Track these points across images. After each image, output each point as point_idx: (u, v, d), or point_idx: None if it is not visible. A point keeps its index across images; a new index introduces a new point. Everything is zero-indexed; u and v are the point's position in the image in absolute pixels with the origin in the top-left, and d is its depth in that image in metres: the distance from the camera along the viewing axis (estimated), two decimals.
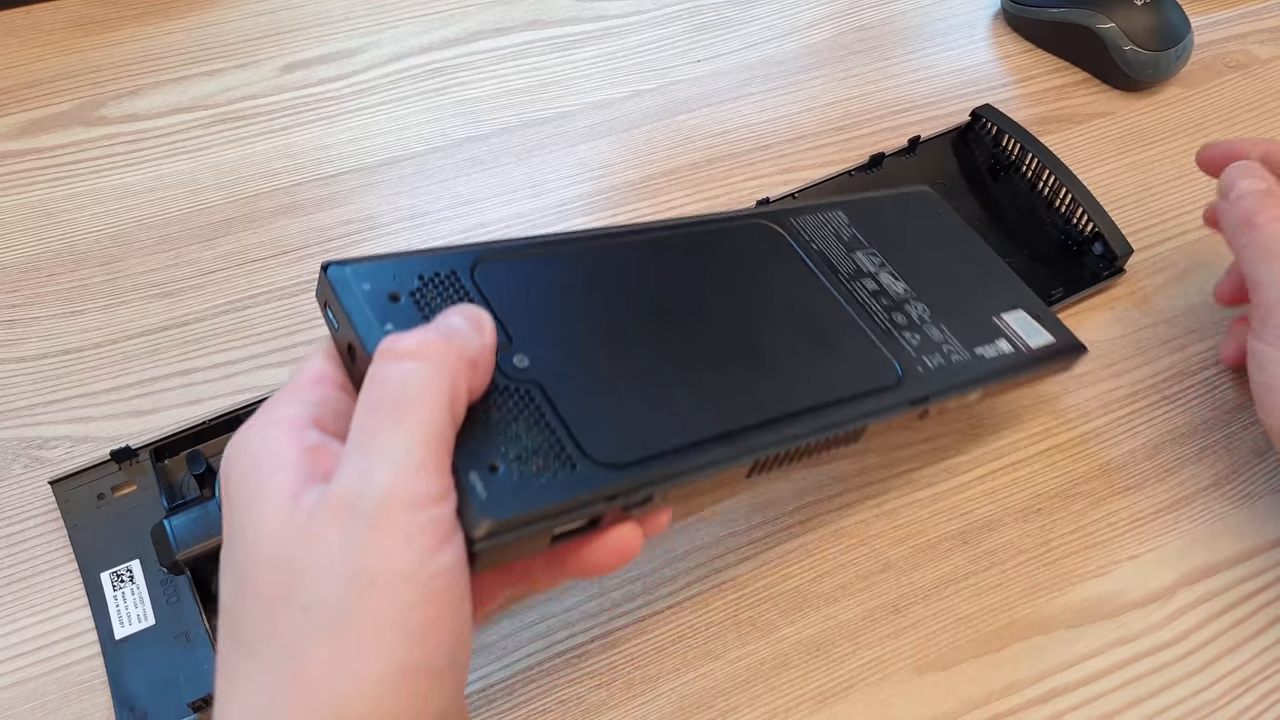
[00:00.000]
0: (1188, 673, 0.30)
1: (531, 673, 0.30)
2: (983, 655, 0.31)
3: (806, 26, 0.49)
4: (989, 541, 0.33)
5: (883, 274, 0.32)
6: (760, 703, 0.29)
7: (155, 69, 0.45)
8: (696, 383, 0.26)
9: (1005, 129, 0.41)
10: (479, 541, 0.21)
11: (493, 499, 0.21)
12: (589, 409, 0.24)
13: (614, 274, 0.28)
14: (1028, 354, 0.32)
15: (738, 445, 0.26)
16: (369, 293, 0.24)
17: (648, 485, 0.24)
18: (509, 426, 0.23)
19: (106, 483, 0.32)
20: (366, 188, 0.42)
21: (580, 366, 0.25)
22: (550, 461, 0.23)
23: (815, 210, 0.34)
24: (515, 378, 0.24)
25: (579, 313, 0.26)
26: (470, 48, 0.47)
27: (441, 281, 0.25)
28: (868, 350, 0.30)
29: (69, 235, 0.39)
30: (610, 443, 0.24)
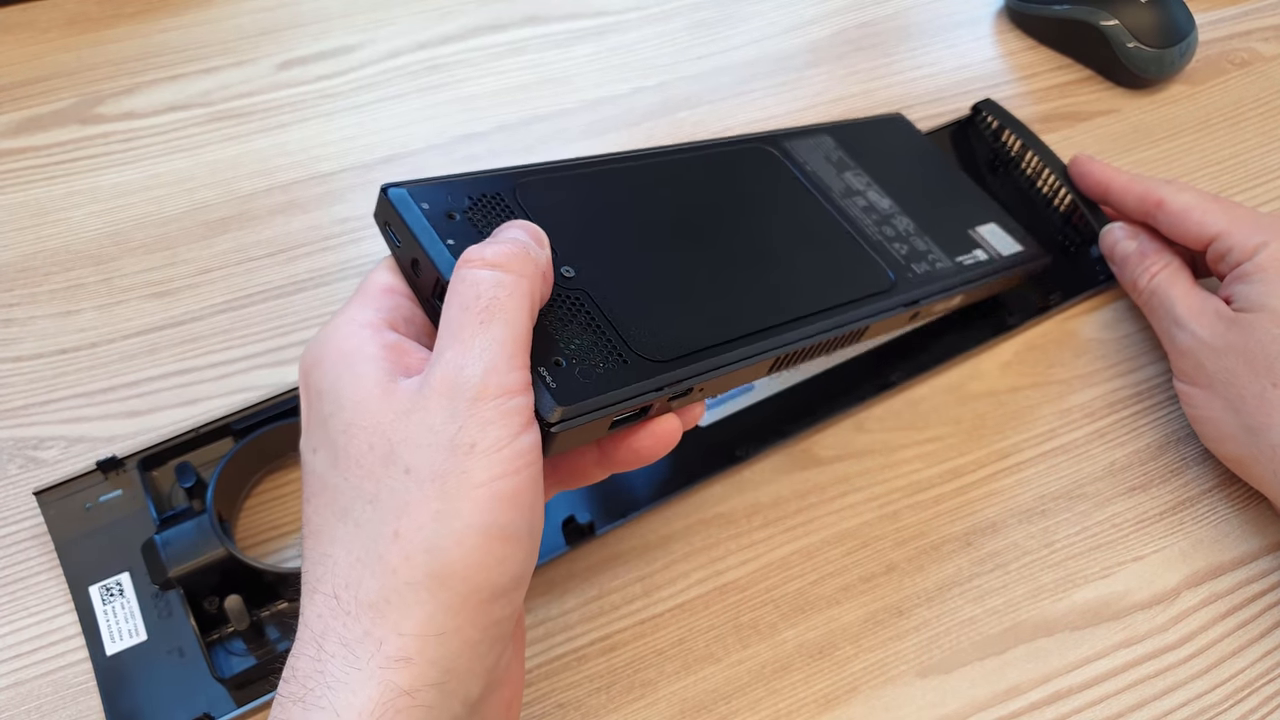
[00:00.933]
0: (1192, 675, 0.30)
1: (531, 675, 0.29)
2: (986, 658, 0.30)
3: (809, 22, 0.49)
4: (992, 543, 0.33)
5: (870, 192, 0.36)
6: (762, 706, 0.29)
7: (151, 67, 0.45)
8: (723, 288, 0.29)
9: (1006, 124, 0.41)
10: (554, 425, 0.24)
11: (561, 390, 0.24)
12: (632, 312, 0.27)
13: (638, 192, 0.31)
14: (1001, 261, 0.37)
15: (762, 343, 0.29)
16: (428, 211, 0.26)
17: (689, 378, 0.27)
18: (566, 328, 0.25)
19: (94, 493, 0.31)
20: (364, 185, 0.41)
21: (619, 275, 0.28)
22: (606, 358, 0.25)
23: (804, 134, 0.37)
24: (565, 286, 0.26)
25: (611, 227, 0.29)
26: (468, 44, 0.47)
27: (490, 201, 0.27)
28: (864, 259, 0.33)
29: (65, 234, 0.39)
30: (654, 341, 0.27)
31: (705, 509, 0.33)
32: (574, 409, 0.24)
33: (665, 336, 0.27)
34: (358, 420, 0.22)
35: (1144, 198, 0.36)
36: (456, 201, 0.27)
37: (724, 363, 0.27)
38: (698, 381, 0.27)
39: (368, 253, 0.39)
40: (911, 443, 0.35)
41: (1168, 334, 0.34)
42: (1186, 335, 0.33)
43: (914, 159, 0.40)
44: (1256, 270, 0.33)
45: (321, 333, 0.24)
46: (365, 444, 0.22)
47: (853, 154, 0.37)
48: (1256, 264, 0.33)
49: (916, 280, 0.33)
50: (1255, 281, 0.32)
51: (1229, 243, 0.34)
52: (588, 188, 0.30)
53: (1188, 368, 0.33)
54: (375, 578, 0.21)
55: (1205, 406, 0.33)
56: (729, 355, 0.28)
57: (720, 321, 0.28)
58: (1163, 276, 0.35)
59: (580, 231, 0.28)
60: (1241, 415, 0.31)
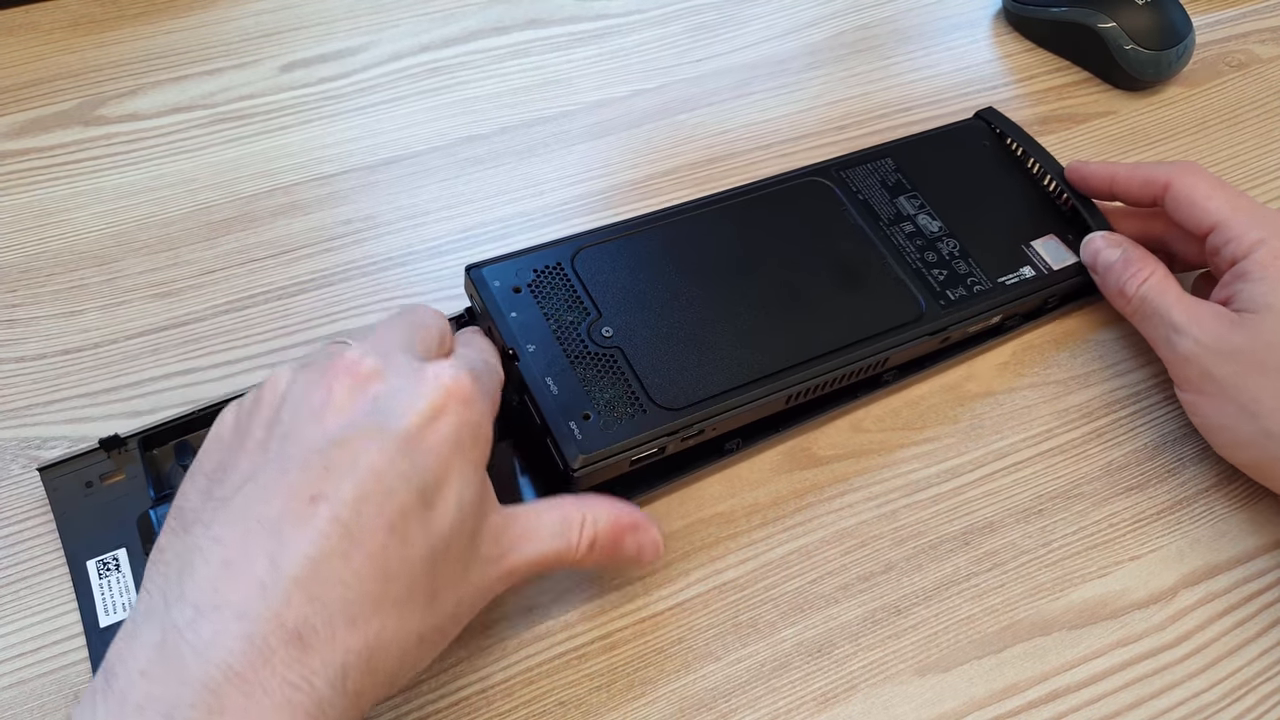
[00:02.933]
0: (1190, 674, 0.30)
1: (531, 674, 0.30)
2: (984, 656, 0.30)
3: (807, 25, 0.49)
4: (990, 542, 0.33)
5: (920, 215, 0.37)
6: (761, 704, 0.29)
7: (154, 68, 0.45)
8: (746, 333, 0.33)
9: (1008, 132, 0.41)
10: (577, 470, 0.30)
11: (585, 440, 0.30)
12: (657, 365, 0.32)
13: (682, 246, 0.35)
14: (1049, 276, 0.37)
15: (775, 384, 0.32)
16: (498, 289, 0.33)
17: (698, 422, 0.31)
18: (597, 383, 0.31)
19: (95, 470, 0.32)
20: (366, 187, 0.41)
21: (651, 331, 0.32)
22: (627, 408, 0.31)
23: (866, 159, 0.39)
24: (603, 344, 0.32)
25: (652, 285, 0.34)
26: (470, 47, 0.47)
27: (550, 272, 0.33)
28: (896, 289, 0.35)
29: (68, 235, 0.39)
30: (671, 390, 0.31)
31: (704, 508, 0.33)
32: (592, 456, 0.29)
33: (683, 385, 0.31)
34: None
35: (1151, 180, 0.35)
36: (522, 276, 0.33)
37: (732, 406, 0.31)
38: (708, 424, 0.31)
39: (370, 254, 0.39)
40: (910, 442, 0.35)
41: (1165, 341, 0.33)
42: (1188, 341, 0.32)
43: (982, 169, 0.40)
44: (1256, 268, 0.32)
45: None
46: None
47: (912, 173, 0.39)
48: (1256, 261, 0.32)
49: (949, 307, 0.35)
50: (1256, 280, 0.32)
51: (1227, 235, 0.33)
52: (635, 248, 0.34)
53: (1192, 375, 0.32)
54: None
55: (1217, 414, 0.32)
56: (738, 399, 0.31)
57: (738, 365, 0.32)
58: (1152, 282, 0.34)
59: (624, 292, 0.33)
60: (1260, 419, 0.30)
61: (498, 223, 0.41)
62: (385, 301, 0.38)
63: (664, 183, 0.42)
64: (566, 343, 0.32)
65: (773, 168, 0.43)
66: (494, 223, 0.41)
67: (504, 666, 0.30)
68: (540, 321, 0.32)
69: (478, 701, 0.29)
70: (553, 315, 0.32)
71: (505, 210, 0.41)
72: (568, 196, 0.42)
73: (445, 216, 0.41)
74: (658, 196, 0.42)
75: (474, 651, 0.30)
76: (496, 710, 0.29)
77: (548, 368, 0.31)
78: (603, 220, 0.41)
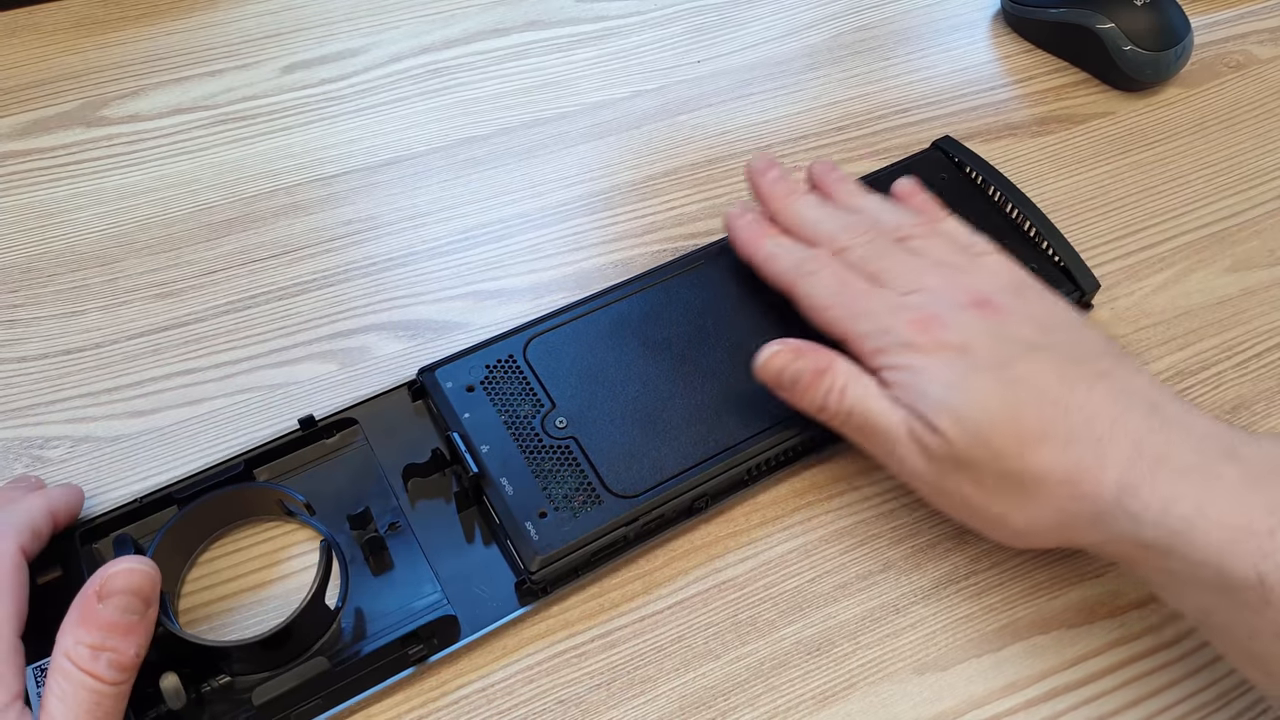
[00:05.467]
0: (1187, 673, 0.30)
1: (531, 672, 0.30)
2: (983, 655, 0.31)
3: (806, 27, 0.49)
4: (989, 541, 0.33)
5: None
6: (760, 702, 0.29)
7: (157, 69, 0.45)
8: (699, 408, 0.32)
9: (967, 161, 0.39)
10: (535, 573, 0.29)
11: (541, 539, 0.29)
12: (612, 451, 0.31)
13: (633, 324, 0.34)
14: None
15: (730, 459, 0.31)
16: (453, 390, 0.32)
17: (657, 507, 0.30)
18: (553, 477, 0.31)
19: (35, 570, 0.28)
20: (367, 188, 0.42)
21: (606, 416, 0.32)
22: (584, 501, 0.30)
23: None
24: (557, 436, 0.31)
25: (604, 367, 0.33)
26: (471, 48, 0.47)
27: (502, 366, 0.33)
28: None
29: (70, 235, 0.40)
30: (628, 477, 0.31)
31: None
32: (550, 556, 0.29)
33: (639, 470, 0.31)
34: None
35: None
36: (475, 374, 0.33)
37: (691, 487, 0.31)
38: (667, 508, 0.31)
39: (370, 254, 0.39)
40: None
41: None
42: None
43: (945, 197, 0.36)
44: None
45: None
46: None
47: None
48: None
49: None
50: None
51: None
52: (585, 332, 0.34)
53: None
54: None
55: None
56: (696, 478, 0.31)
57: (694, 443, 0.32)
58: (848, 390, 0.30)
59: (576, 379, 0.33)
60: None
61: (498, 223, 0.41)
62: (386, 301, 0.38)
63: (664, 183, 0.42)
64: (521, 438, 0.31)
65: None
66: (494, 223, 0.41)
67: (504, 665, 0.30)
68: (494, 419, 0.32)
69: (478, 700, 0.29)
70: (506, 411, 0.32)
71: (505, 211, 0.41)
72: (568, 197, 0.42)
73: (446, 217, 0.41)
74: (658, 197, 0.42)
75: (474, 651, 0.30)
76: (497, 708, 0.29)
77: (503, 467, 0.31)
78: (601, 221, 0.41)
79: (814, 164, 0.37)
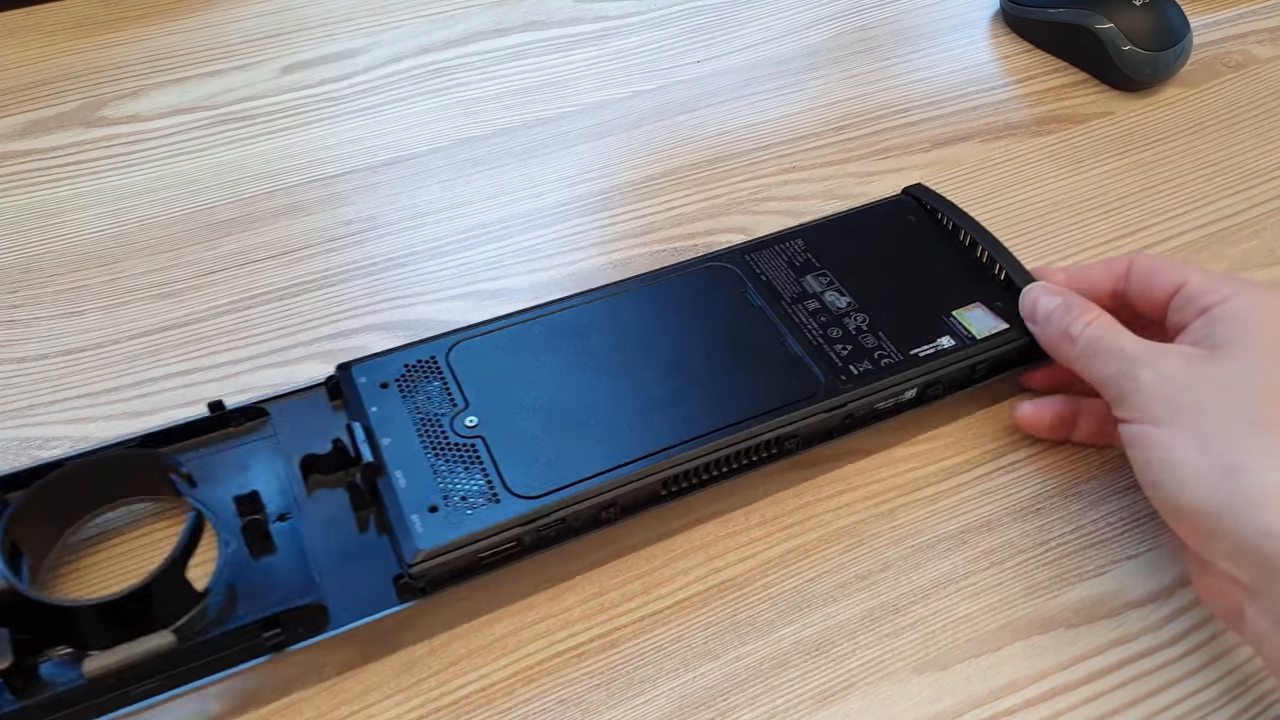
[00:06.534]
0: (1187, 672, 0.31)
1: (531, 672, 0.30)
2: (982, 655, 0.31)
3: (806, 27, 0.49)
4: (987, 541, 0.33)
5: (828, 292, 0.35)
6: (760, 702, 0.29)
7: (156, 69, 0.45)
8: (619, 417, 0.31)
9: (938, 206, 0.38)
10: (414, 566, 0.27)
11: (426, 533, 0.28)
12: (521, 453, 0.30)
13: (565, 336, 0.33)
14: (970, 344, 0.34)
15: (640, 467, 0.30)
16: (365, 384, 0.32)
17: (556, 510, 0.29)
18: (452, 475, 0.29)
19: None
20: (367, 188, 0.42)
21: (521, 419, 0.31)
22: (480, 499, 0.29)
23: (776, 242, 0.37)
24: (464, 435, 0.30)
25: (529, 373, 0.32)
26: (470, 48, 0.47)
27: (421, 366, 0.32)
28: (792, 366, 0.33)
29: (70, 236, 0.40)
30: (531, 478, 0.29)
31: (703, 508, 0.33)
32: (433, 551, 0.28)
33: (545, 473, 0.29)
34: None
35: (1109, 268, 0.35)
36: (391, 371, 0.32)
37: (597, 492, 0.29)
38: (568, 512, 0.29)
39: (371, 255, 0.39)
40: (907, 441, 0.35)
41: (1120, 376, 0.31)
42: (1148, 372, 0.30)
43: (906, 243, 0.38)
44: (1231, 314, 0.31)
45: None
46: None
47: (823, 253, 0.37)
48: (1230, 309, 0.31)
49: (850, 381, 0.33)
50: (1231, 320, 0.31)
51: (1198, 289, 0.32)
52: (515, 340, 0.33)
53: (1152, 407, 0.30)
54: None
55: (1172, 448, 0.29)
56: (603, 483, 0.29)
57: (607, 449, 0.30)
58: (1101, 322, 0.32)
59: (496, 384, 0.32)
60: (1221, 454, 0.28)
61: (498, 223, 0.41)
62: (386, 301, 0.38)
63: (663, 183, 0.42)
64: (426, 434, 0.30)
65: (772, 168, 0.43)
66: (494, 223, 0.41)
67: (504, 665, 0.30)
68: (403, 414, 0.31)
69: (478, 699, 0.29)
70: (417, 408, 0.31)
71: (505, 211, 0.41)
72: (567, 197, 0.42)
73: (446, 217, 0.41)
74: (657, 197, 0.42)
75: (474, 650, 0.30)
76: (496, 708, 0.29)
77: (401, 460, 0.30)
78: (600, 222, 0.41)
79: None
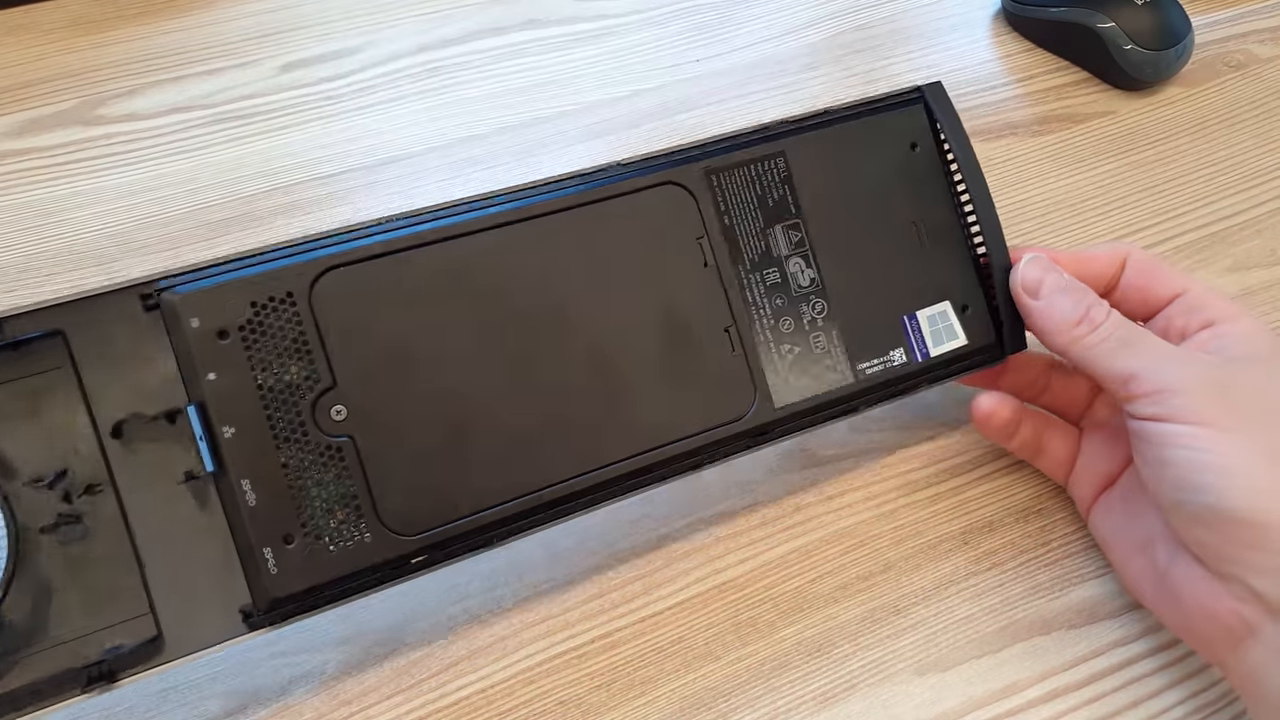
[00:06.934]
0: (1188, 673, 0.30)
1: (531, 673, 0.30)
2: (983, 656, 0.30)
3: (806, 25, 0.49)
4: (989, 542, 0.33)
5: (794, 259, 0.29)
6: (761, 704, 0.29)
7: (154, 68, 0.45)
8: (521, 427, 0.25)
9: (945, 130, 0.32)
10: (265, 613, 0.23)
11: (280, 576, 0.23)
12: (397, 468, 0.24)
13: (469, 279, 0.25)
14: (918, 365, 0.30)
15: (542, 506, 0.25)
16: (198, 330, 0.23)
17: (434, 551, 0.24)
18: (312, 488, 0.23)
19: None
20: (365, 187, 0.42)
21: (401, 414, 0.24)
22: (344, 532, 0.23)
23: (751, 158, 0.29)
24: (329, 431, 0.24)
25: (416, 339, 0.24)
26: (468, 47, 0.47)
27: (276, 306, 0.24)
28: (728, 371, 0.27)
29: (68, 235, 0.39)
30: (409, 509, 0.24)
31: (703, 508, 0.33)
32: (287, 599, 0.23)
33: (425, 503, 0.24)
34: None
35: (1111, 257, 0.31)
36: (234, 310, 0.23)
37: (483, 535, 0.25)
38: (443, 565, 0.25)
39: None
40: (908, 442, 0.35)
41: (1160, 372, 0.27)
42: (1195, 371, 0.27)
43: (899, 185, 0.31)
44: (1245, 335, 0.28)
45: None
46: None
47: (805, 185, 0.29)
48: (1243, 329, 0.29)
49: (784, 408, 0.28)
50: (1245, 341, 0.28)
51: (1203, 300, 0.30)
52: (403, 278, 0.24)
53: (1201, 408, 0.26)
54: None
55: (1226, 452, 0.26)
56: (492, 525, 0.25)
57: (503, 476, 0.25)
58: (1119, 312, 0.29)
59: (373, 348, 0.24)
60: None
61: None
62: None
63: None
64: (281, 425, 0.23)
65: None
66: None
67: (504, 665, 0.30)
68: (249, 389, 0.23)
69: (478, 700, 0.29)
70: (268, 379, 0.23)
71: None
72: None
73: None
74: None
75: (474, 651, 0.30)
76: (497, 709, 0.29)
77: (248, 464, 0.23)
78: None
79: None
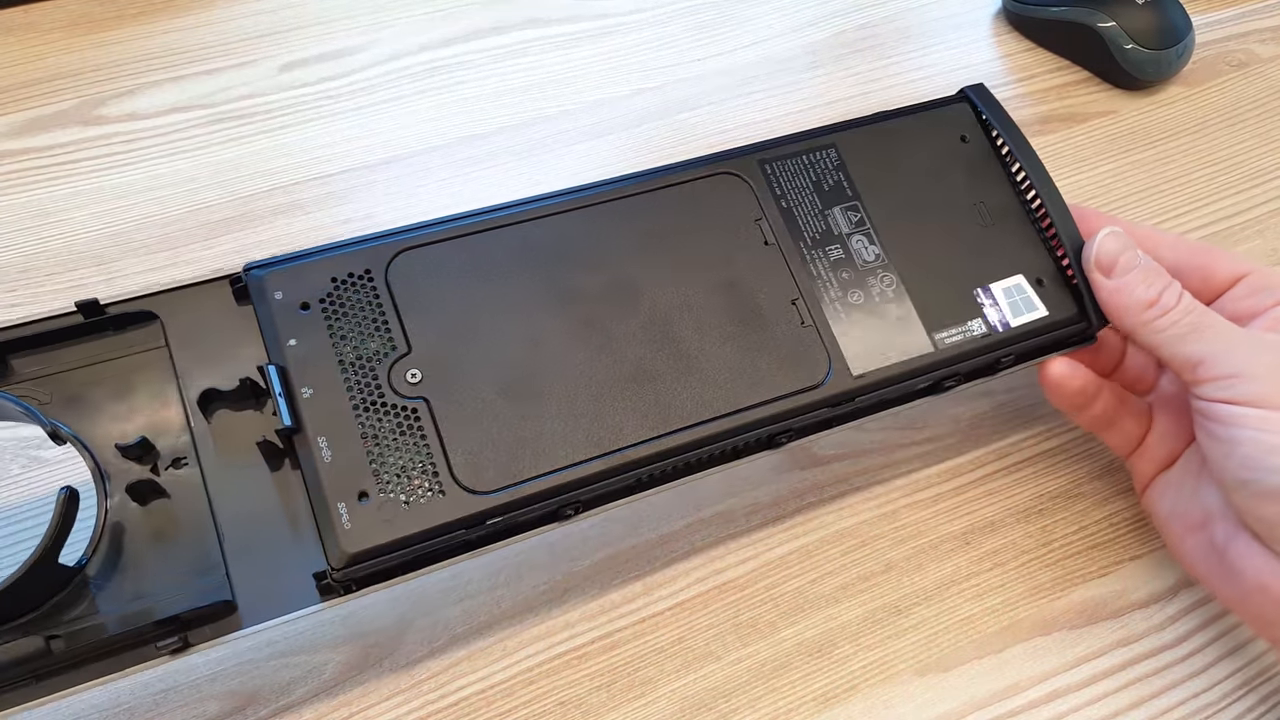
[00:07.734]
0: (1190, 673, 0.30)
1: (532, 674, 0.30)
2: (985, 656, 0.30)
3: (807, 24, 0.49)
4: (991, 542, 0.33)
5: (856, 237, 0.29)
6: (761, 704, 0.29)
7: (153, 68, 0.45)
8: (593, 390, 0.25)
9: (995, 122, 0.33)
10: (339, 571, 0.23)
11: (354, 531, 0.23)
12: (471, 428, 0.24)
13: (536, 258, 0.26)
14: (1001, 335, 0.29)
15: (613, 465, 0.25)
16: (282, 303, 0.25)
17: (510, 509, 0.24)
18: (388, 448, 0.24)
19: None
20: (365, 187, 0.41)
21: (473, 379, 0.25)
22: (419, 489, 0.23)
23: (803, 150, 0.30)
24: (404, 394, 0.24)
25: (486, 311, 0.25)
26: (469, 46, 0.47)
27: (354, 282, 0.25)
28: (801, 342, 0.27)
29: (67, 235, 0.39)
30: (484, 467, 0.24)
31: (704, 508, 0.33)
32: (361, 553, 0.23)
33: (500, 461, 0.24)
34: None
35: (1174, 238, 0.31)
36: (316, 286, 0.25)
37: (560, 492, 0.24)
38: (523, 514, 0.24)
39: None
40: (910, 442, 0.35)
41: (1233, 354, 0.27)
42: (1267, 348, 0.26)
43: (954, 171, 0.31)
44: None
45: None
46: None
47: (860, 173, 0.30)
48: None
49: (863, 376, 0.27)
50: None
51: (1268, 281, 0.29)
52: (474, 256, 0.26)
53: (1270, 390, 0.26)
54: None
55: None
56: (569, 482, 0.24)
57: (577, 436, 0.25)
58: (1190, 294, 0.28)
59: (446, 320, 0.25)
60: None
61: None
62: None
63: None
64: (357, 387, 0.24)
65: None
66: None
67: (504, 666, 0.30)
68: (328, 354, 0.24)
69: (478, 701, 0.29)
70: (346, 346, 0.25)
71: None
72: None
73: None
74: None
75: (474, 651, 0.30)
76: (497, 710, 0.29)
77: (325, 422, 0.24)
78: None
79: None
